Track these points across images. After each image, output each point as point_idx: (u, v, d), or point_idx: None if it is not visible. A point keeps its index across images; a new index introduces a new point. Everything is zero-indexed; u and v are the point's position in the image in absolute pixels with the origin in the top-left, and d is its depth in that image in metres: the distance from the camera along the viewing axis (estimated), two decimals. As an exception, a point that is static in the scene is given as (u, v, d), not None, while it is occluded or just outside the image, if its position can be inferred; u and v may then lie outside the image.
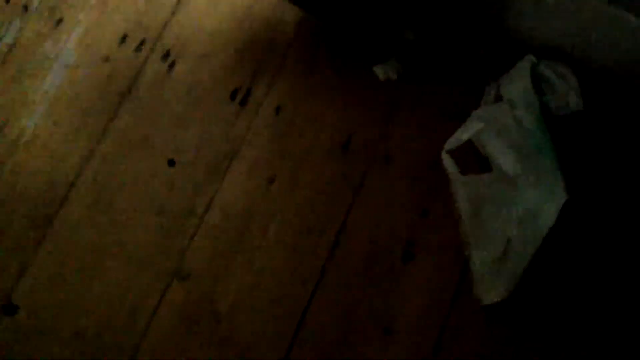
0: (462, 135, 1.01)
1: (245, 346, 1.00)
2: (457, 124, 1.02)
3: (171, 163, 1.12)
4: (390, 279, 1.03)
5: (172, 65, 1.18)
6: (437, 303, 1.01)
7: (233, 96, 1.17)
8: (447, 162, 1.02)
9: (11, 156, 1.14)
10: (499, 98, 1.02)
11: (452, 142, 1.01)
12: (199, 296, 1.03)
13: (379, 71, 1.14)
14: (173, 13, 1.21)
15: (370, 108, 1.14)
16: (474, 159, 1.04)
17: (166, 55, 1.19)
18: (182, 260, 1.05)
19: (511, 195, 0.99)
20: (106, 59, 1.18)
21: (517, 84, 1.02)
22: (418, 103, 1.13)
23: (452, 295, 1.01)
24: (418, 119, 1.12)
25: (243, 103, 1.16)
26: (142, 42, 1.19)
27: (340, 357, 0.99)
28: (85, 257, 1.06)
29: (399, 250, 1.04)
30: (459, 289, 1.02)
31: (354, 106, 1.15)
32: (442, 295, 1.01)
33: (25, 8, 1.24)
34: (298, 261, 1.05)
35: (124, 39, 1.20)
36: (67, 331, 1.03)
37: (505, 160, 0.99)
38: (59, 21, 1.22)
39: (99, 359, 1.02)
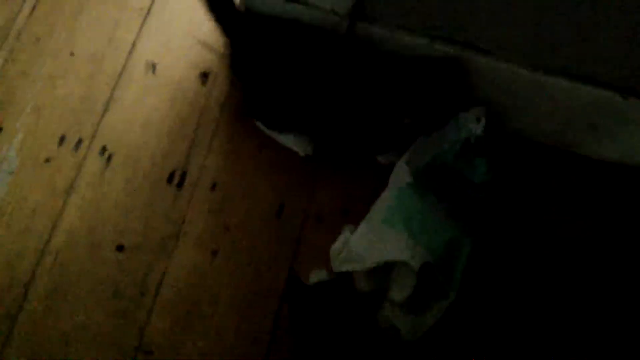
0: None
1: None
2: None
3: (120, 248, 1.20)
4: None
5: (109, 159, 1.27)
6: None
7: (170, 179, 1.27)
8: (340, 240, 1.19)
9: (-35, 262, 1.20)
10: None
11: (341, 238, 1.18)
12: (164, 368, 1.11)
13: (293, 145, 1.27)
14: (105, 110, 1.31)
15: (296, 177, 1.26)
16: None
17: (103, 150, 1.28)
18: (143, 337, 1.13)
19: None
20: (47, 161, 1.26)
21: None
22: (337, 169, 1.27)
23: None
24: (339, 182, 1.26)
25: (180, 185, 1.26)
26: (80, 141, 1.28)
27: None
28: (52, 346, 1.12)
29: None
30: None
31: (282, 176, 1.27)
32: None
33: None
34: (249, 323, 1.16)
35: (62, 139, 1.28)
36: None
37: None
38: (-1, 131, 1.30)
39: None
